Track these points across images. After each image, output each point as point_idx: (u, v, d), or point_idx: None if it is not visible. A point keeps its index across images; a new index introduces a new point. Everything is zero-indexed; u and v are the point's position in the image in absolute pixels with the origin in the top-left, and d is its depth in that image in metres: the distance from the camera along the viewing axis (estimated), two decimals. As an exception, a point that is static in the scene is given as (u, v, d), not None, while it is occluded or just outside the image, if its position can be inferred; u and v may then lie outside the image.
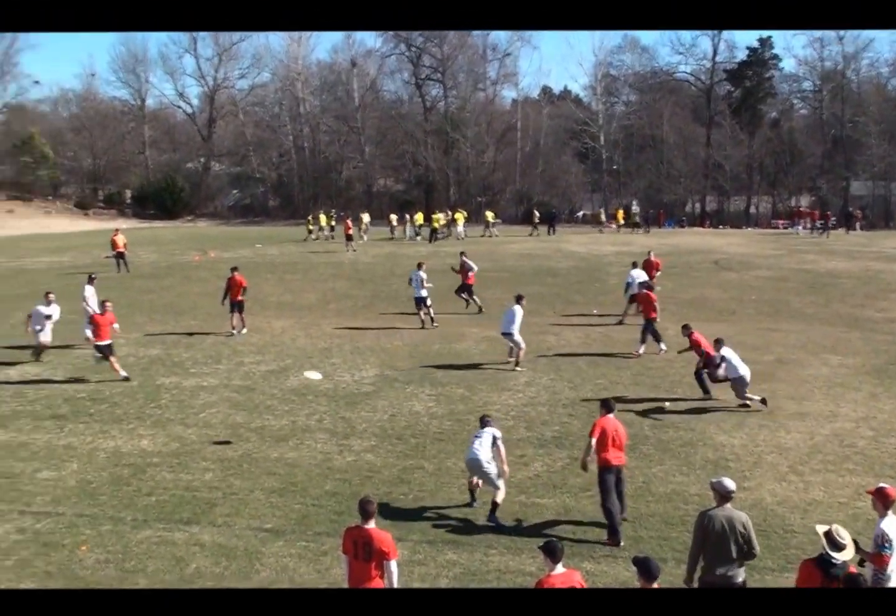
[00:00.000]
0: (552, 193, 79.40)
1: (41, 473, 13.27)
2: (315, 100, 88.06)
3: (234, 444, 14.50)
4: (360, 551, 8.11)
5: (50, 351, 21.60)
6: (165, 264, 41.16)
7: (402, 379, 18.66)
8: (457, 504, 11.96)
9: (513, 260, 40.69)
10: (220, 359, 20.78)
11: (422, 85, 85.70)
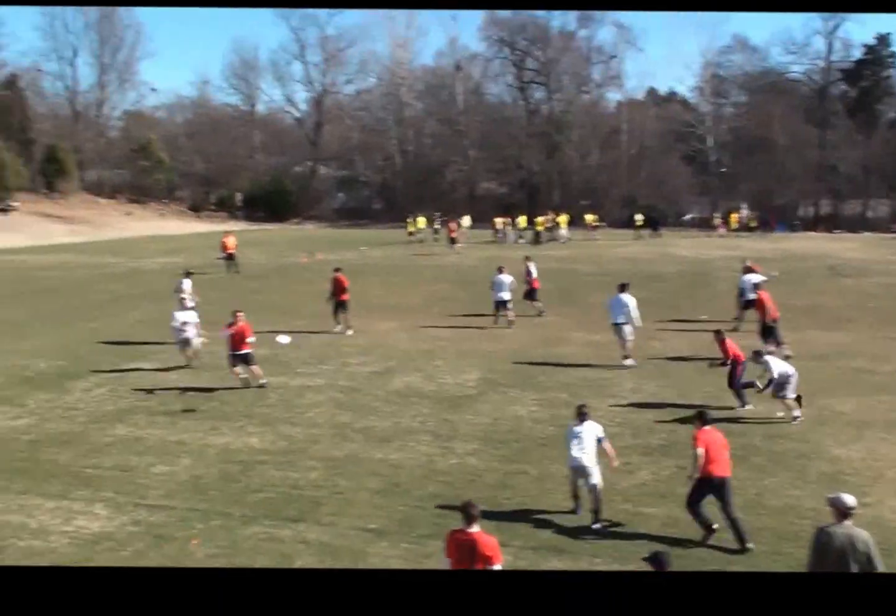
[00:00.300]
0: (658, 196, 78.27)
1: (155, 468, 13.63)
2: (419, 104, 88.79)
3: (339, 443, 14.66)
4: (464, 555, 8.02)
5: (164, 348, 22.21)
6: (273, 266, 41.93)
7: (505, 383, 18.62)
8: (561, 510, 11.84)
9: (617, 264, 40.23)
10: (325, 359, 21.05)
11: (525, 88, 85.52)
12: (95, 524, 11.51)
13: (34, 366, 20.72)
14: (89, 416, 16.54)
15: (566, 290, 31.74)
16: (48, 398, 17.78)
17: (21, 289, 34.65)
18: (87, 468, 13.61)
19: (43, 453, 14.36)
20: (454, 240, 46.68)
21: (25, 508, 12.04)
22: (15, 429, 15.75)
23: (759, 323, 20.94)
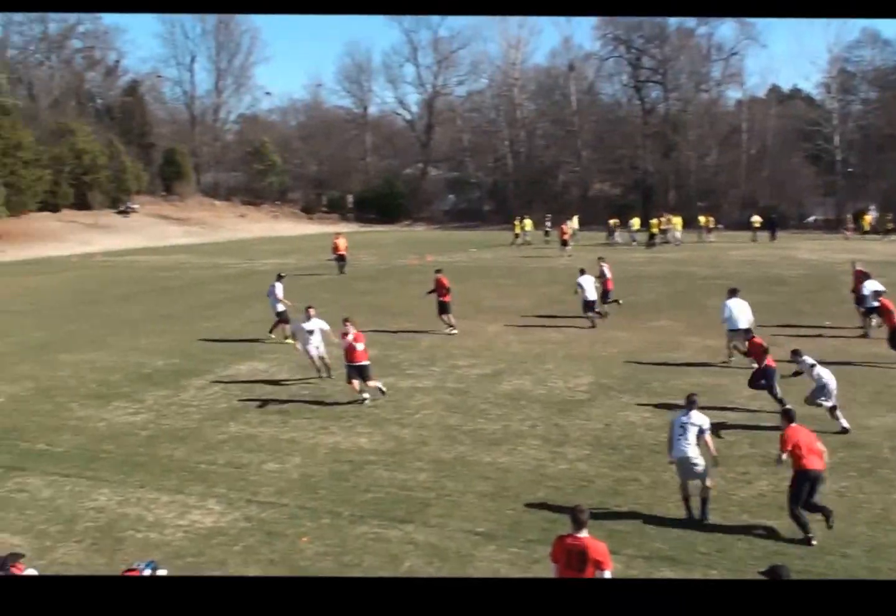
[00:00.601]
0: (779, 197, 76.08)
1: (266, 465, 13.80)
2: (532, 104, 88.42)
3: (448, 446, 14.59)
4: (573, 561, 7.89)
5: (276, 349, 22.57)
6: (384, 267, 42.28)
7: (618, 388, 18.27)
8: (673, 519, 11.52)
9: (735, 267, 39.30)
10: (434, 361, 21.03)
11: (641, 87, 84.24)
12: (209, 519, 11.71)
13: (151, 363, 21.28)
14: (204, 413, 16.88)
15: (681, 293, 31.13)
16: (165, 395, 18.23)
17: (139, 288, 35.72)
18: (202, 464, 13.87)
19: (160, 448, 14.70)
20: (565, 242, 46.25)
21: (143, 501, 12.35)
22: (134, 424, 16.18)
23: (888, 331, 20.08)
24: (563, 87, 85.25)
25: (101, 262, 48.41)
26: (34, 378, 20.00)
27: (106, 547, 10.89)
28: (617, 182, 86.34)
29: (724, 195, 78.94)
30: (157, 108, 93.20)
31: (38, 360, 22.01)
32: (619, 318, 26.29)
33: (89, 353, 22.60)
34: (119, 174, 71.93)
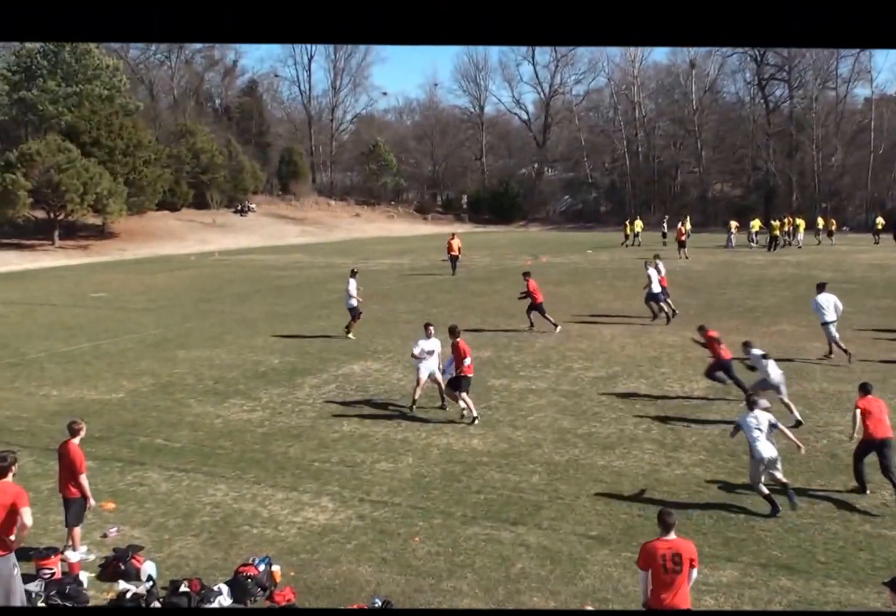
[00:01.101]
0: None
1: (379, 464, 13.85)
2: (651, 103, 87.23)
3: (561, 448, 14.41)
4: (669, 563, 7.90)
5: (390, 347, 22.70)
6: (498, 268, 42.20)
7: (735, 393, 17.75)
8: (791, 526, 11.14)
9: (861, 270, 37.98)
10: (548, 363, 20.85)
11: (765, 85, 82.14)
12: (322, 516, 11.81)
13: (267, 361, 21.65)
14: (318, 411, 17.07)
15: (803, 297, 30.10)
16: (280, 393, 18.50)
17: (256, 287, 36.46)
18: (316, 462, 14.01)
19: (275, 446, 14.91)
20: (682, 243, 45.39)
21: (258, 498, 12.53)
22: (250, 421, 16.46)
23: None
24: (683, 86, 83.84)
25: (219, 261, 49.60)
26: (153, 374, 20.53)
27: (222, 541, 11.08)
28: (738, 183, 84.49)
29: (850, 197, 76.44)
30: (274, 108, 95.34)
31: (157, 356, 22.59)
32: (738, 321, 25.64)
33: (206, 351, 23.12)
34: (236, 174, 73.59)
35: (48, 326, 27.30)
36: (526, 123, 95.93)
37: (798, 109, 79.36)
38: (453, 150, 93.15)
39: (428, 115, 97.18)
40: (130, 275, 43.08)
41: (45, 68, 64.79)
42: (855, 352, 20.43)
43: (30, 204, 54.08)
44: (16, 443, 15.17)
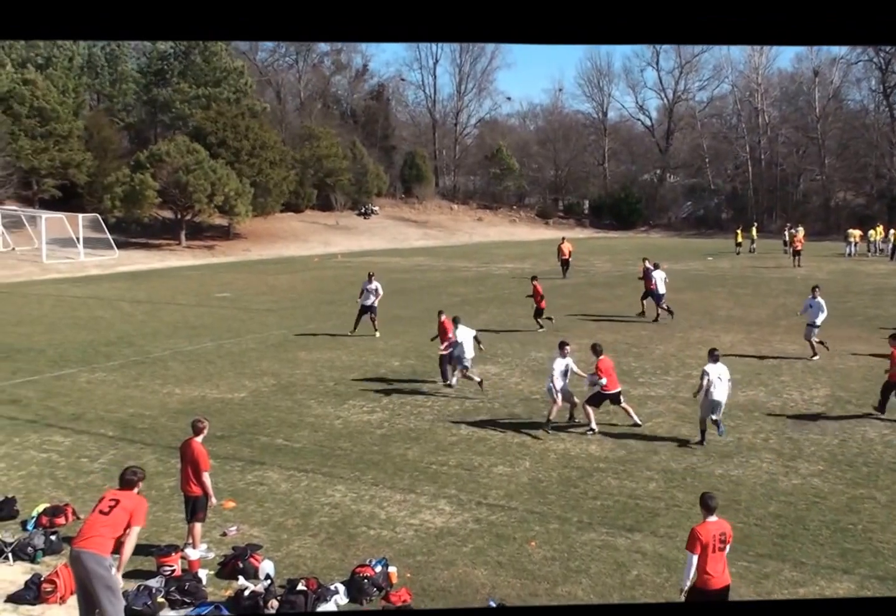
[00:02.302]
0: None
1: (496, 468, 13.92)
2: (774, 110, 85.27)
3: (679, 456, 14.24)
4: (717, 543, 8.40)
5: (509, 351, 22.75)
6: (618, 273, 41.83)
7: (855, 402, 17.31)
8: None
9: None
10: (668, 370, 20.62)
11: (890, 93, 79.39)
12: (439, 519, 11.91)
13: (387, 363, 21.95)
14: (436, 414, 17.24)
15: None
16: (399, 395, 18.72)
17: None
18: (433, 465, 14.14)
19: (393, 448, 15.10)
20: (798, 252, 44.25)
21: (376, 499, 12.69)
22: (369, 423, 16.71)
23: None
24: (807, 93, 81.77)
25: (342, 263, 50.32)
26: (275, 375, 20.88)
27: (340, 542, 11.23)
28: (861, 191, 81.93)
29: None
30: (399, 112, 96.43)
31: (279, 357, 22.98)
32: (859, 330, 24.90)
33: (327, 352, 23.47)
34: (360, 176, 74.37)
35: (173, 325, 28.04)
36: (649, 129, 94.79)
37: (924, 117, 76.47)
38: (575, 155, 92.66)
39: (551, 119, 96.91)
40: (254, 275, 44.00)
41: (177, 70, 66.84)
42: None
43: (158, 204, 55.38)
44: (139, 440, 15.65)
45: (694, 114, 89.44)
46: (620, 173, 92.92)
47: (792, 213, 75.01)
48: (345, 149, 73.20)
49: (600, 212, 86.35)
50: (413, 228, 73.59)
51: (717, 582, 8.37)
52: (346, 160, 72.40)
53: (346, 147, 73.83)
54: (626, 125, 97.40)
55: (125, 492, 8.99)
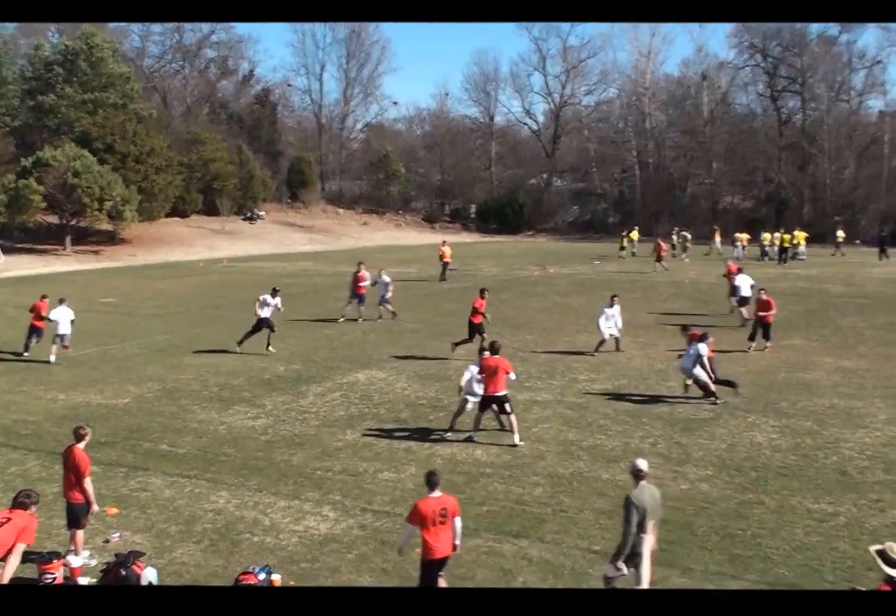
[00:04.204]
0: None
1: (382, 474, 13.77)
2: (661, 115, 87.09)
3: (566, 461, 14.29)
4: (437, 517, 9.28)
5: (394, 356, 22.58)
6: (505, 278, 42.12)
7: (744, 407, 17.65)
8: (800, 544, 10.99)
9: (874, 285, 37.80)
10: (553, 374, 20.73)
11: (777, 97, 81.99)
12: (323, 526, 11.73)
13: (273, 369, 21.60)
14: (322, 419, 17.00)
15: (814, 311, 30.03)
16: (284, 400, 18.44)
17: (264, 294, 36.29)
18: (318, 471, 13.93)
19: (278, 454, 14.84)
20: (661, 257, 44.97)
21: (260, 506, 12.47)
22: (253, 428, 16.39)
23: None
24: (694, 97, 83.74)
25: (227, 268, 49.57)
26: (160, 380, 20.49)
27: (223, 549, 11.01)
28: (749, 195, 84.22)
29: (863, 210, 76.09)
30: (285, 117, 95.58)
31: (164, 362, 22.58)
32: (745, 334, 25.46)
33: (212, 357, 23.09)
34: (246, 181, 73.80)
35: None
36: (535, 134, 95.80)
37: (810, 122, 79.07)
38: (462, 159, 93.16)
39: (438, 124, 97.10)
40: (140, 280, 43.14)
41: (61, 76, 65.20)
42: (868, 367, 20.33)
43: (43, 209, 54.42)
44: (23, 446, 15.33)
45: (581, 118, 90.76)
46: (507, 178, 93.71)
47: (680, 216, 76.78)
48: (231, 154, 72.48)
49: (487, 216, 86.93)
50: (299, 233, 72.93)
51: (438, 552, 9.22)
52: (233, 165, 71.77)
53: (233, 152, 73.06)
54: (512, 129, 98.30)
55: (17, 511, 9.22)
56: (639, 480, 9.39)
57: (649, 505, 9.16)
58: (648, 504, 9.14)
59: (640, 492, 9.27)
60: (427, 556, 9.27)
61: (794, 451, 14.72)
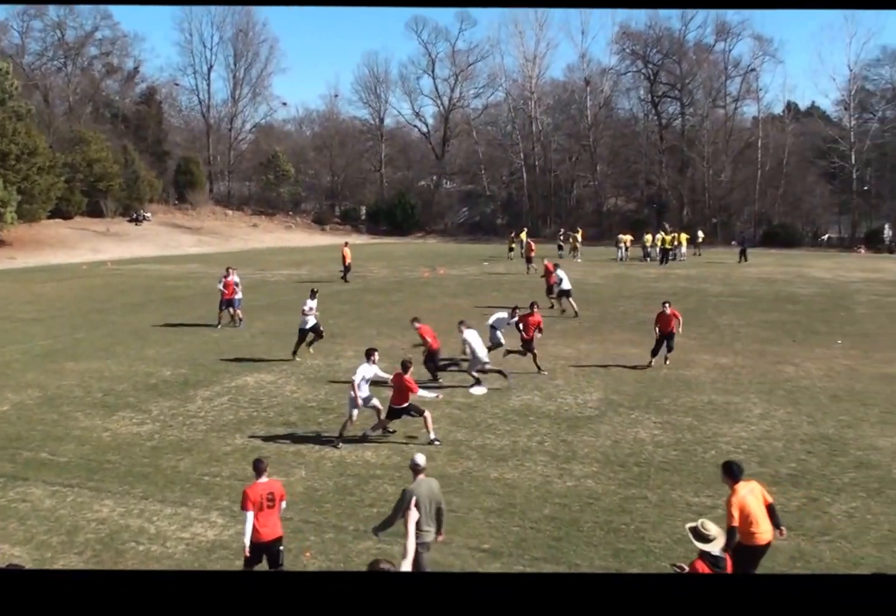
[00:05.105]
0: (794, 215, 75.99)
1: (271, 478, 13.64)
2: (548, 118, 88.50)
3: (455, 461, 14.45)
4: (266, 501, 9.75)
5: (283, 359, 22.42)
6: (395, 279, 42.21)
7: (627, 404, 18.11)
8: (681, 537, 11.33)
9: (750, 284, 39.15)
10: (443, 375, 20.87)
11: (658, 102, 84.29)
12: (211, 532, 11.59)
13: (159, 373, 21.20)
14: (210, 424, 16.78)
15: (693, 310, 30.91)
16: (171, 406, 18.12)
17: (150, 297, 35.71)
18: (206, 476, 13.75)
19: (164, 460, 14.59)
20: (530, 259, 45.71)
21: (145, 513, 12.23)
22: (139, 434, 16.08)
23: None
24: (579, 102, 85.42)
25: (112, 271, 48.43)
26: (40, 386, 19.89)
27: (107, 559, 10.77)
28: (631, 197, 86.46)
29: (738, 212, 78.87)
30: (172, 117, 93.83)
31: (45, 368, 21.90)
32: (630, 334, 26.10)
33: (96, 363, 22.51)
34: (132, 182, 72.16)
35: (-73, 337, 26.18)
36: (425, 136, 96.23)
37: (689, 126, 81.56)
38: (352, 161, 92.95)
39: (328, 125, 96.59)
40: (19, 284, 41.70)
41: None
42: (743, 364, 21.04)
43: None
44: None
45: (469, 121, 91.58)
46: (397, 179, 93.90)
47: (566, 218, 78.17)
48: (116, 154, 70.77)
49: (377, 218, 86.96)
50: (187, 235, 71.66)
51: (265, 535, 9.70)
52: (118, 165, 70.05)
53: (118, 152, 71.37)
54: (402, 131, 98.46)
55: None
56: (416, 474, 9.95)
57: (426, 497, 9.68)
58: (425, 496, 9.66)
59: (418, 485, 9.81)
60: (255, 538, 9.71)
61: (674, 447, 15.18)
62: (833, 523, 11.58)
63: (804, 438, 15.59)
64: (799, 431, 16.02)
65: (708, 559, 7.83)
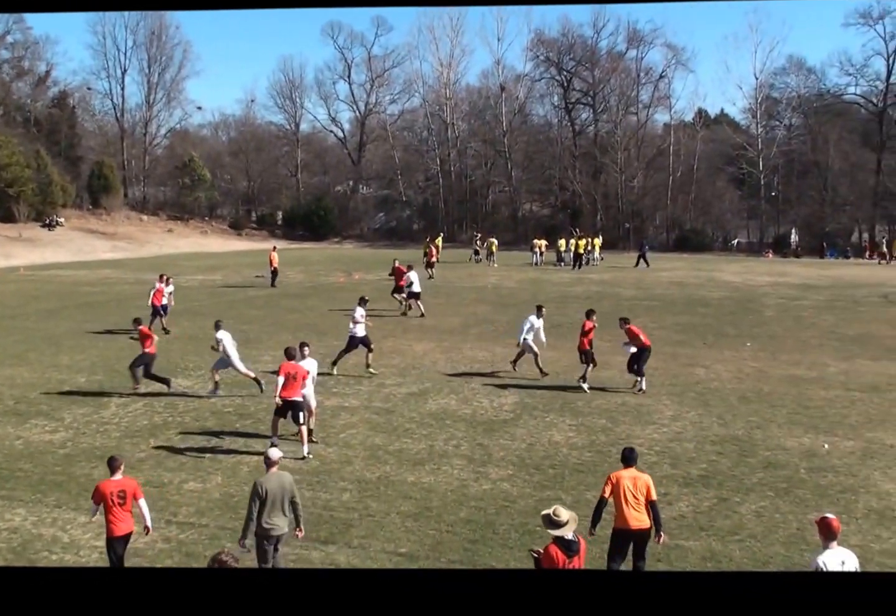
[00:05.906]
0: (705, 220, 77.82)
1: (187, 484, 13.56)
2: (463, 124, 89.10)
3: (372, 465, 14.50)
4: (118, 498, 10.00)
5: (200, 366, 22.20)
6: (311, 284, 42.08)
7: (542, 407, 18.37)
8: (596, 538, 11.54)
9: (662, 288, 39.96)
10: (361, 380, 20.91)
11: (571, 109, 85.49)
12: (125, 541, 11.42)
13: (73, 380, 20.82)
14: (124, 431, 16.55)
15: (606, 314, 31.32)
16: (84, 413, 17.82)
17: (64, 303, 34.99)
18: (120, 484, 13.54)
19: (77, 468, 14.36)
20: (431, 264, 46.00)
21: (59, 522, 12.06)
22: (51, 442, 15.78)
23: None
24: (494, 108, 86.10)
25: (25, 276, 47.28)
26: (-52, 395, 19.35)
27: (18, 569, 10.55)
28: (546, 202, 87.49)
29: (651, 217, 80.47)
30: (86, 121, 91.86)
31: (-47, 376, 21.31)
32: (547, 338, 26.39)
33: (8, 370, 21.99)
34: (45, 187, 70.49)
35: None
36: (341, 141, 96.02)
37: (602, 133, 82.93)
38: (268, 166, 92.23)
39: (244, 130, 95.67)
40: (-79, 290, 40.41)
41: None
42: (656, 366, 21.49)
43: None
44: None
45: (385, 126, 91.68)
46: (313, 185, 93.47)
47: (482, 223, 78.70)
48: (28, 158, 69.06)
49: (293, 223, 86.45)
50: (101, 240, 70.26)
51: (118, 530, 9.93)
52: (30, 169, 68.39)
53: (30, 156, 69.67)
54: (318, 137, 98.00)
55: None
56: (269, 468, 10.24)
57: (276, 490, 9.93)
58: (275, 489, 9.93)
59: (268, 478, 10.08)
60: (108, 533, 10.01)
61: (589, 448, 15.45)
62: (743, 523, 11.92)
63: (714, 439, 16.01)
64: (709, 433, 16.45)
65: (561, 543, 8.24)
